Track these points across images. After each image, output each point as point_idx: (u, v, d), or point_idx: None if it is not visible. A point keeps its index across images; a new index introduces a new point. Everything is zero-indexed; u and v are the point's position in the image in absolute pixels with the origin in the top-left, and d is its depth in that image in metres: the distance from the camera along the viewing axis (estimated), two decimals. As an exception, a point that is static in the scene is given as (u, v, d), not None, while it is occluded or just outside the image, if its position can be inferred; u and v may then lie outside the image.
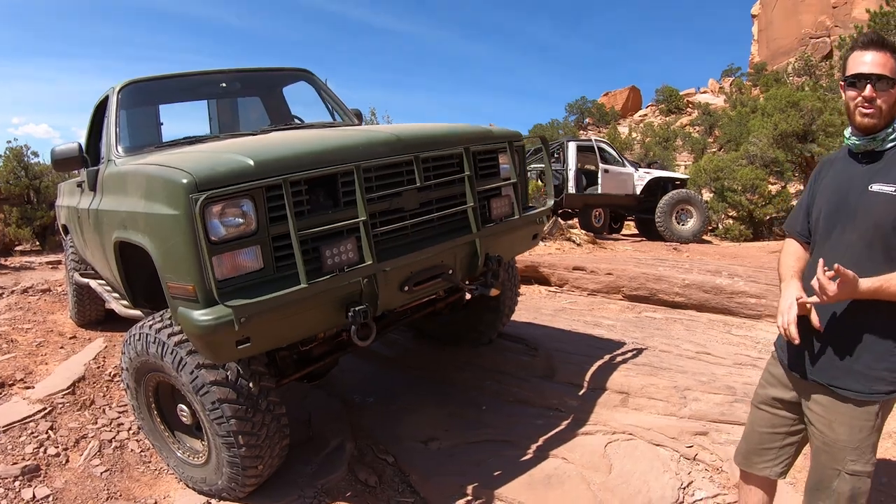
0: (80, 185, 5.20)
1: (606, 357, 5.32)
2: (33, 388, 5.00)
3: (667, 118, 48.06)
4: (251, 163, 2.93)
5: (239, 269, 2.90)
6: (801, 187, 19.10)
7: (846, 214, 2.39)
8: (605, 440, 4.19)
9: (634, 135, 40.92)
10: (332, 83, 6.03)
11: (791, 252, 2.69)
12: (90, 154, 5.09)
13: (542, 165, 14.08)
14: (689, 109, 49.23)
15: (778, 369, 2.69)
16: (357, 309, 3.15)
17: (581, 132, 48.55)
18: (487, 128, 4.20)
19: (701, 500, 3.64)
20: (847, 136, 2.49)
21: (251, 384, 3.30)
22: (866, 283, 2.22)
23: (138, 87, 4.93)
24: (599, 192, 14.55)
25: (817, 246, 2.53)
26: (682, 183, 15.51)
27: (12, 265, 14.36)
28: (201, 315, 2.82)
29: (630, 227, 18.13)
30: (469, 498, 3.70)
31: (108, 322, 6.72)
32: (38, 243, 19.16)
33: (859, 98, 2.33)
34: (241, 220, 2.87)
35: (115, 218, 3.70)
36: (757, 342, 6.12)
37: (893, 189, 2.28)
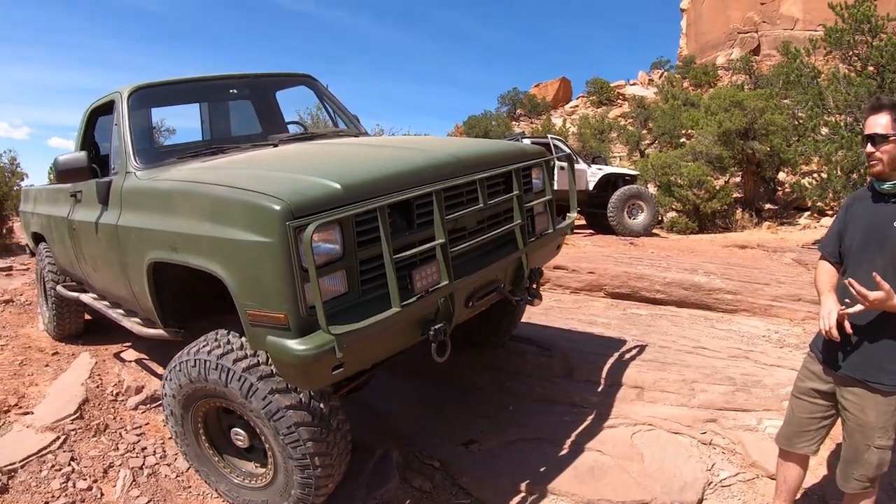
0: (74, 194, 5.00)
1: (615, 355, 5.62)
2: (32, 412, 4.74)
3: (598, 109, 48.78)
4: (339, 187, 2.95)
5: (326, 295, 2.80)
6: (738, 180, 19.85)
7: (876, 244, 2.95)
8: (630, 431, 4.50)
9: (569, 126, 41.44)
10: (251, 70, 5.99)
11: (825, 271, 3.24)
12: None
13: None
14: (619, 101, 50.06)
15: (815, 366, 3.22)
16: (437, 327, 3.28)
17: (514, 123, 48.84)
18: (523, 146, 4.41)
19: (726, 478, 4.06)
20: (874, 178, 3.06)
21: (322, 405, 3.28)
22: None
23: (146, 93, 4.71)
24: (556, 187, 14.78)
25: (850, 268, 3.08)
26: (633, 178, 15.97)
27: (-42, 273, 13.77)
28: (300, 344, 2.80)
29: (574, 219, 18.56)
30: (524, 495, 3.91)
31: (86, 335, 6.52)
32: (-25, 248, 18.42)
33: (865, 153, 2.98)
34: (333, 247, 2.86)
35: (154, 238, 3.59)
36: (742, 335, 6.53)
37: None
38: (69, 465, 4.13)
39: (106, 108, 4.90)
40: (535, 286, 4.19)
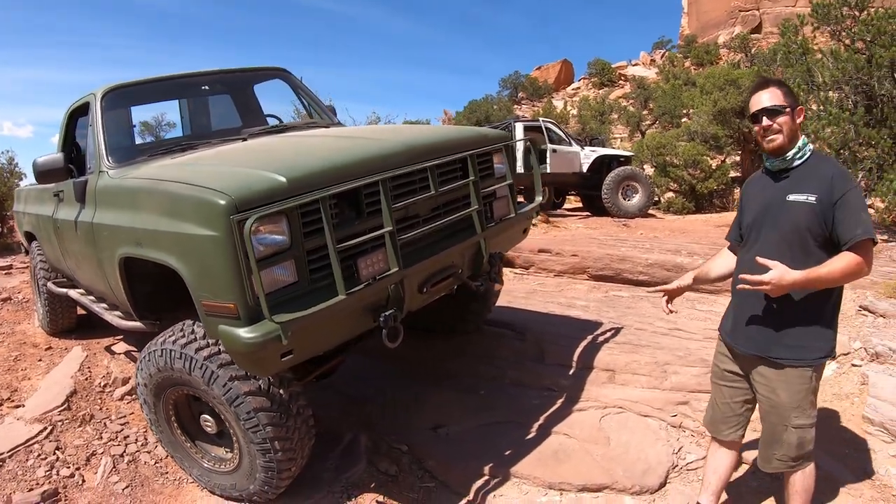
0: (56, 194, 5.10)
1: (589, 337, 5.63)
2: (23, 405, 4.90)
3: (600, 91, 48.63)
4: (284, 180, 3.00)
5: (275, 285, 2.94)
6: (738, 160, 19.79)
7: (770, 221, 2.94)
8: (599, 415, 4.52)
9: (570, 108, 41.33)
10: (259, 63, 6.03)
11: (720, 255, 3.41)
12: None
13: None
14: (621, 82, 49.89)
15: (724, 348, 3.23)
16: (387, 314, 3.34)
17: (515, 107, 48.73)
18: (483, 131, 4.42)
19: (692, 461, 4.07)
20: (765, 159, 3.03)
21: (282, 391, 3.40)
22: (796, 276, 2.72)
23: (119, 94, 4.82)
24: (548, 170, 14.85)
25: (748, 247, 3.07)
26: (627, 160, 15.96)
27: (-42, 273, 13.83)
28: (248, 332, 2.88)
29: (572, 202, 18.55)
30: (487, 478, 3.96)
31: (80, 329, 6.62)
32: (-27, 247, 18.47)
33: (761, 129, 2.91)
34: (279, 238, 2.94)
35: (123, 234, 3.70)
36: (721, 316, 6.50)
37: (806, 198, 2.80)
38: (54, 453, 4.29)
39: (84, 110, 4.98)
40: (495, 271, 4.20)
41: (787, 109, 2.85)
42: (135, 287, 4.00)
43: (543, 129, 15.10)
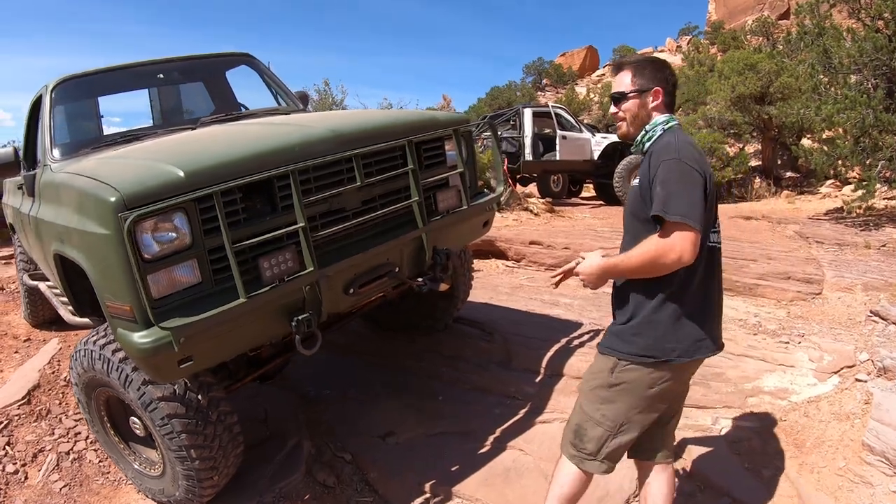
0: (20, 187, 5.01)
1: (563, 340, 5.27)
2: None
3: (624, 78, 47.95)
4: (181, 174, 2.76)
5: (176, 286, 2.77)
6: (759, 147, 19.21)
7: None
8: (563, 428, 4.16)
9: (592, 96, 40.84)
10: (283, 53, 5.85)
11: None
12: (30, 156, 4.92)
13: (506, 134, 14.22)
14: (646, 68, 49.15)
15: None
16: (300, 318, 3.06)
17: (539, 93, 48.31)
18: (432, 114, 4.11)
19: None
20: None
21: (200, 396, 3.23)
22: (599, 263, 2.61)
23: (73, 84, 4.73)
24: (557, 158, 14.50)
25: None
26: (640, 147, 15.51)
27: (-42, 262, 13.85)
28: (140, 337, 2.71)
29: (589, 190, 18.12)
30: (427, 496, 3.70)
31: (62, 322, 6.52)
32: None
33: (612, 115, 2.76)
34: (174, 235, 2.73)
35: (53, 230, 3.55)
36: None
37: (637, 182, 2.59)
38: (3, 449, 4.25)
39: None
40: (440, 269, 3.86)
41: (631, 94, 2.62)
42: (73, 283, 3.84)
43: (553, 115, 14.72)
